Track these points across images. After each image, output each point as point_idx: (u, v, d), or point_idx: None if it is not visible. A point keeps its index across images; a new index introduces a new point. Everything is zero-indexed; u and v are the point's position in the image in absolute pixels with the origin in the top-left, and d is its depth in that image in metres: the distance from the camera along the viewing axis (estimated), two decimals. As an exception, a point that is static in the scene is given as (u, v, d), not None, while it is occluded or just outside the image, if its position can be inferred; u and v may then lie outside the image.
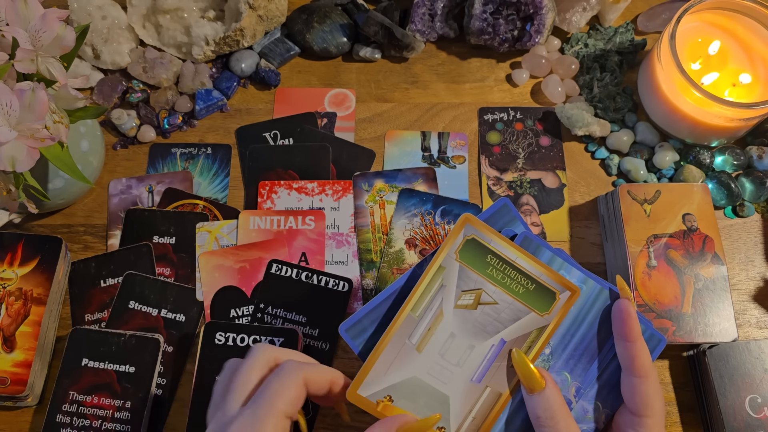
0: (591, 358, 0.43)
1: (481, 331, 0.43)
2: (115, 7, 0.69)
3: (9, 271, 0.57)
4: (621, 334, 0.42)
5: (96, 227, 0.63)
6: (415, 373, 0.42)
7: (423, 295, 0.43)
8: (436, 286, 0.43)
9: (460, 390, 0.42)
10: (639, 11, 0.74)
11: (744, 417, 0.53)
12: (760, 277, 0.62)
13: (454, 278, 0.43)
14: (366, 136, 0.68)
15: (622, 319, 0.42)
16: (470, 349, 0.43)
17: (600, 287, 0.44)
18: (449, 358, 0.43)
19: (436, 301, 0.43)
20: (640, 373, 0.41)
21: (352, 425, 0.56)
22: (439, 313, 0.43)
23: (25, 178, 0.51)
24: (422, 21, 0.69)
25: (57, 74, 0.50)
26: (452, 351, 0.43)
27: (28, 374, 0.54)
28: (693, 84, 0.59)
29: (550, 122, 0.68)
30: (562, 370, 0.43)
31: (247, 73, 0.70)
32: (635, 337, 0.41)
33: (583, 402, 0.43)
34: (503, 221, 0.46)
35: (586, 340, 0.43)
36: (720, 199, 0.63)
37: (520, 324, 0.43)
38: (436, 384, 0.42)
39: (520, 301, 0.43)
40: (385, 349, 0.43)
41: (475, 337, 0.43)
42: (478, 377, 0.42)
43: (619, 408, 0.43)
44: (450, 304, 0.43)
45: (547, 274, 0.43)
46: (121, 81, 0.69)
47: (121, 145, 0.67)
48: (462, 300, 0.43)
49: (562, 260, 0.44)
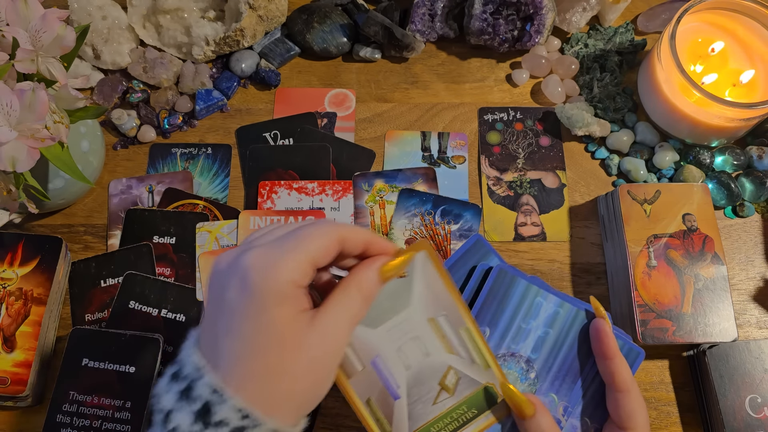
0: (575, 377, 0.45)
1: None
2: (116, 7, 0.69)
3: (9, 271, 0.57)
4: (599, 352, 0.44)
5: (96, 227, 0.64)
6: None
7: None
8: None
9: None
10: (639, 11, 0.74)
11: (744, 417, 0.53)
12: (760, 277, 0.62)
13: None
14: (366, 136, 0.68)
15: (599, 338, 0.43)
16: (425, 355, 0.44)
17: (576, 309, 0.46)
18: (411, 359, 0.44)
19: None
20: (621, 387, 0.42)
21: (352, 425, 0.56)
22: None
23: (25, 178, 0.51)
24: (422, 21, 0.69)
25: (57, 74, 0.50)
26: (411, 356, 0.44)
27: (29, 374, 0.54)
28: (693, 84, 0.59)
29: (550, 122, 0.68)
30: (548, 392, 0.45)
31: (247, 73, 0.70)
32: (613, 354, 0.43)
33: (572, 419, 0.44)
34: (478, 256, 0.48)
35: (568, 361, 0.45)
36: (720, 199, 0.63)
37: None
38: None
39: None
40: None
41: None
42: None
43: (606, 421, 0.44)
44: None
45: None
46: (122, 81, 0.69)
47: (122, 145, 0.67)
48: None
49: (537, 287, 0.46)
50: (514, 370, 0.45)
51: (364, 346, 0.43)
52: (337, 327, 0.37)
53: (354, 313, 0.38)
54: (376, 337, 0.43)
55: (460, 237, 0.62)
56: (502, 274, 0.46)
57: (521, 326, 0.45)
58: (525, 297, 0.46)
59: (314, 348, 0.35)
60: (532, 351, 0.45)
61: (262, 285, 0.34)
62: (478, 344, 0.44)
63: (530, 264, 0.62)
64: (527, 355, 0.45)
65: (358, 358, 0.44)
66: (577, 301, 0.46)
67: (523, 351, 0.45)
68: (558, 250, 0.63)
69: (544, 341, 0.45)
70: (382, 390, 0.44)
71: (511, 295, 0.46)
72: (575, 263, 0.63)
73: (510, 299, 0.46)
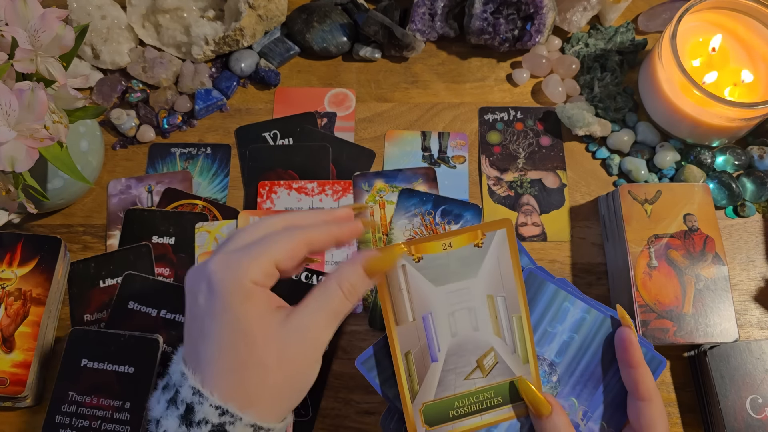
0: (597, 382, 0.44)
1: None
2: (115, 6, 0.69)
3: (8, 271, 0.57)
4: (624, 360, 0.43)
5: (95, 227, 0.63)
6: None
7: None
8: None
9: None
10: (639, 11, 0.74)
11: (745, 417, 0.53)
12: (761, 278, 0.62)
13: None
14: (366, 136, 0.68)
15: (625, 347, 0.43)
16: (472, 312, 0.44)
17: (603, 316, 0.45)
18: (462, 332, 0.44)
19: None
20: (644, 396, 0.42)
21: (351, 426, 0.56)
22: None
23: (24, 178, 0.51)
24: (422, 20, 0.69)
25: (56, 74, 0.50)
26: (460, 325, 0.44)
27: (28, 375, 0.54)
28: (694, 84, 0.59)
29: (550, 122, 0.68)
30: (569, 396, 0.44)
31: (246, 72, 0.69)
32: (638, 363, 0.43)
33: (591, 424, 0.44)
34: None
35: (591, 366, 0.45)
36: (721, 199, 0.63)
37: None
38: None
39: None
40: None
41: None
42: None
43: (624, 427, 0.44)
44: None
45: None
46: (121, 81, 0.69)
47: (121, 145, 0.67)
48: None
49: (566, 292, 0.45)
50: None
51: (421, 300, 0.44)
52: (313, 321, 0.38)
53: (333, 308, 0.38)
54: (434, 295, 0.44)
55: (461, 237, 0.62)
56: (532, 276, 0.45)
57: (547, 330, 0.45)
58: (553, 301, 0.45)
59: (287, 341, 0.37)
60: (556, 355, 0.45)
61: (225, 285, 0.36)
62: (525, 336, 0.45)
63: (531, 264, 0.62)
64: (551, 359, 0.45)
65: (411, 309, 0.44)
66: (604, 307, 0.45)
67: (547, 354, 0.45)
68: (559, 251, 0.63)
69: (568, 346, 0.45)
70: (423, 347, 0.44)
71: (539, 298, 0.45)
72: (576, 263, 0.62)
73: (538, 302, 0.45)
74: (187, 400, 0.36)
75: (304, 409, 0.56)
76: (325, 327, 0.38)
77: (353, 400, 0.57)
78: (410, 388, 0.44)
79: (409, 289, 0.44)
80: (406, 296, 0.44)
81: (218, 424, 0.35)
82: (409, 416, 0.45)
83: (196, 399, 0.35)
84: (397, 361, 0.44)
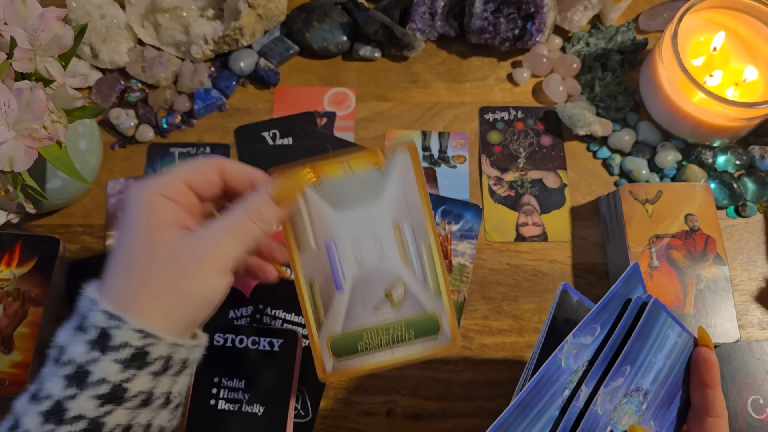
0: (671, 403, 0.43)
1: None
2: (114, 6, 0.69)
3: (6, 271, 0.57)
4: (704, 382, 0.43)
5: (94, 227, 0.63)
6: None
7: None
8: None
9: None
10: (640, 10, 0.73)
11: (746, 418, 0.53)
12: (763, 278, 0.62)
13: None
14: (366, 135, 0.68)
15: (707, 369, 0.43)
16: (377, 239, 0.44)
17: (688, 337, 0.43)
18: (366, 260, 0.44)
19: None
20: (719, 414, 0.42)
21: (351, 426, 0.56)
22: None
23: (23, 178, 0.51)
24: (422, 20, 0.69)
25: (55, 73, 0.50)
26: (366, 253, 0.44)
27: (26, 375, 0.54)
28: (695, 83, 0.59)
29: (551, 122, 0.68)
30: (650, 420, 0.43)
31: (246, 72, 0.69)
32: (716, 384, 0.42)
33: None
34: (630, 286, 0.43)
35: (672, 389, 0.43)
36: (722, 199, 0.63)
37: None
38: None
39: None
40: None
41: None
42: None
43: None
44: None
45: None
46: (120, 80, 0.69)
47: (120, 144, 0.67)
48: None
49: (671, 320, 0.43)
50: (633, 404, 0.42)
51: (323, 226, 0.43)
52: (217, 235, 0.38)
53: (241, 228, 0.39)
54: (336, 221, 0.43)
55: (461, 237, 0.62)
56: (656, 309, 0.42)
57: (651, 360, 0.42)
58: (661, 330, 0.42)
59: (183, 247, 0.38)
60: (651, 383, 0.42)
61: (134, 200, 0.39)
62: (435, 266, 0.43)
63: (532, 264, 0.62)
64: (646, 388, 0.42)
65: (313, 235, 0.43)
66: (685, 327, 0.43)
67: (644, 384, 0.42)
68: (559, 251, 0.63)
69: (660, 372, 0.42)
70: (328, 276, 0.44)
71: (653, 329, 0.42)
72: (577, 263, 0.62)
73: (651, 334, 0.42)
74: (99, 324, 0.36)
75: (303, 410, 0.56)
76: (230, 243, 0.39)
77: (353, 401, 0.57)
78: (315, 318, 0.44)
79: (311, 214, 0.43)
80: (307, 221, 0.43)
81: (103, 328, 0.35)
82: (315, 347, 0.44)
83: (113, 323, 0.35)
84: (301, 290, 0.44)
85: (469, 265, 0.61)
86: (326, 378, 0.45)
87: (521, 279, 0.62)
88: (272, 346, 0.54)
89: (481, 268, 0.62)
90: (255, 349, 0.55)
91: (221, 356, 0.54)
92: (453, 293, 0.60)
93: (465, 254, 0.62)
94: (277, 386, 0.54)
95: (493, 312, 0.60)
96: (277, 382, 0.54)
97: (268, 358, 0.54)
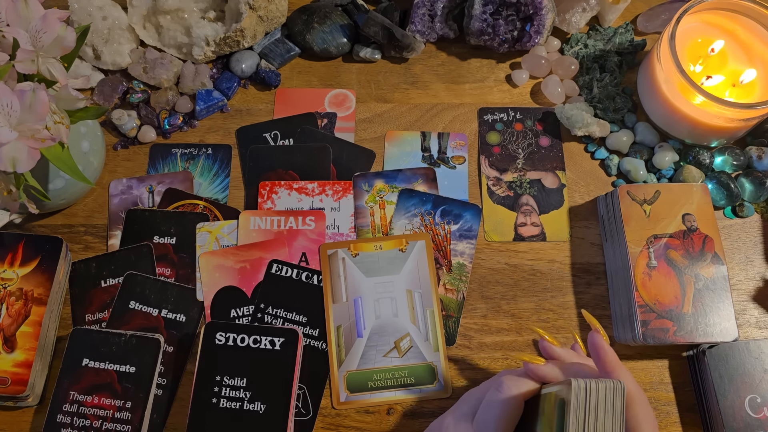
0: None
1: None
2: (116, 7, 0.69)
3: (10, 271, 0.57)
4: (601, 367, 0.43)
5: (96, 227, 0.64)
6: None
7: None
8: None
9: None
10: (638, 12, 0.74)
11: (743, 417, 0.53)
12: (760, 277, 0.62)
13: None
14: (366, 136, 0.68)
15: (598, 354, 0.43)
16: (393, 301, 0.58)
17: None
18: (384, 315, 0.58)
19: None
20: (629, 398, 0.42)
21: (351, 425, 0.56)
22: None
23: (25, 179, 0.51)
24: (422, 21, 0.70)
25: (58, 75, 0.50)
26: (383, 310, 0.58)
27: (29, 374, 0.54)
28: (693, 84, 0.59)
29: (549, 123, 0.68)
30: None
31: (247, 73, 0.70)
32: (613, 367, 0.43)
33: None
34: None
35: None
36: (719, 199, 0.63)
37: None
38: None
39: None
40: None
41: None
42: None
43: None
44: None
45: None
46: (122, 81, 0.69)
47: (122, 145, 0.67)
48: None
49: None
50: None
51: (354, 286, 0.58)
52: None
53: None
54: (365, 284, 0.59)
55: (460, 237, 0.62)
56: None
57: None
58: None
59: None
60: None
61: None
62: (436, 328, 0.57)
63: (530, 264, 0.62)
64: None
65: (346, 292, 0.58)
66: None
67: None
68: (558, 251, 0.63)
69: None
70: (352, 324, 0.57)
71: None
72: (575, 263, 0.63)
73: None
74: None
75: (304, 408, 0.56)
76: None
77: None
78: (338, 356, 0.56)
79: (346, 276, 0.59)
80: (342, 281, 0.58)
81: None
82: (334, 380, 0.56)
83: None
84: (330, 332, 0.57)
85: (468, 265, 0.62)
86: (339, 407, 0.56)
87: (520, 278, 0.62)
88: (273, 344, 0.55)
89: (480, 268, 0.62)
90: (256, 347, 0.55)
91: (223, 355, 0.55)
92: (452, 292, 0.60)
93: (464, 254, 0.62)
94: (278, 384, 0.54)
95: (492, 311, 0.61)
96: (278, 381, 0.54)
97: (269, 357, 0.55)
